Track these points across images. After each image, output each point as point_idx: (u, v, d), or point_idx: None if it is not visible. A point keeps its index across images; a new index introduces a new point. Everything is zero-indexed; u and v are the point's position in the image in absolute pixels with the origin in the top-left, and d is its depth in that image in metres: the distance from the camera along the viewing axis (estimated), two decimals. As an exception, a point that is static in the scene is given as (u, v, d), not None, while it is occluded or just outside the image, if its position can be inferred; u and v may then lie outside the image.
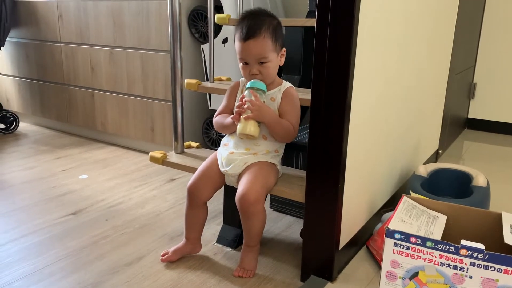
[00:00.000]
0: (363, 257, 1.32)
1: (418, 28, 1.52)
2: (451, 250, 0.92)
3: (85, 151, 2.33)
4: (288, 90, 1.27)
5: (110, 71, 2.27)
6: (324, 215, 1.15)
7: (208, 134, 2.15)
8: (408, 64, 1.49)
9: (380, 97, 1.29)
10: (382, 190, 1.45)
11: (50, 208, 1.65)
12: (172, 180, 1.95)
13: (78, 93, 2.45)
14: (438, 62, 1.93)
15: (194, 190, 1.27)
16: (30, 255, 1.33)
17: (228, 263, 1.30)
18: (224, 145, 1.32)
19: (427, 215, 1.09)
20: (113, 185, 1.88)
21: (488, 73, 2.78)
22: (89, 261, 1.30)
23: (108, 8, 2.17)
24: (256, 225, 1.21)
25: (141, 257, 1.32)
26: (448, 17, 1.94)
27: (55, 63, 2.50)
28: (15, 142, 2.50)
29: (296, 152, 1.49)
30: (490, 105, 2.82)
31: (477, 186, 1.43)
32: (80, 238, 1.44)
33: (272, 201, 1.65)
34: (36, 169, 2.06)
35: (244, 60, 1.23)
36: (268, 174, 1.24)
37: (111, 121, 2.35)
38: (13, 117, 2.67)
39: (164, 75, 2.06)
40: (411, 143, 1.71)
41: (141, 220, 1.57)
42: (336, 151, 1.09)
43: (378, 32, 1.18)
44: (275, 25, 1.22)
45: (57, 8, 2.38)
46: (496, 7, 2.68)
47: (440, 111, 2.12)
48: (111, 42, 2.21)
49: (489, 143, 2.63)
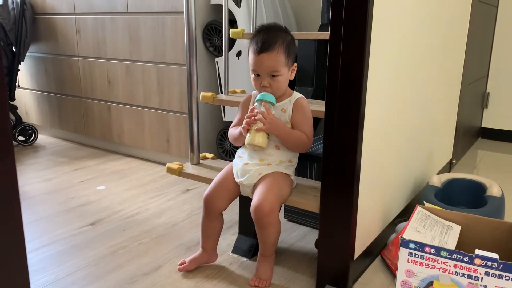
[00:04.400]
0: (377, 267, 1.33)
1: (430, 39, 1.54)
2: (465, 259, 0.93)
3: (102, 163, 2.38)
4: (299, 101, 1.30)
5: (126, 84, 2.32)
6: (338, 225, 1.16)
7: (222, 145, 2.18)
8: (421, 75, 1.50)
9: (393, 108, 1.31)
10: (396, 200, 1.47)
11: (70, 218, 1.69)
12: (188, 190, 1.99)
13: (95, 106, 2.51)
14: (451, 73, 1.94)
15: (210, 200, 1.30)
16: (52, 265, 1.37)
17: (244, 273, 1.32)
18: (239, 157, 1.34)
19: (441, 225, 1.10)
20: (130, 196, 1.92)
21: (501, 83, 2.78)
22: (108, 271, 1.33)
23: (124, 23, 2.23)
24: (271, 235, 1.23)
25: (158, 267, 1.35)
26: (460, 28, 1.95)
27: (73, 76, 2.57)
28: (34, 154, 2.56)
29: (310, 163, 1.51)
30: (503, 114, 2.81)
31: (492, 196, 1.43)
32: (99, 248, 1.47)
33: (286, 212, 1.66)
34: (55, 180, 2.11)
35: (256, 72, 1.26)
36: (282, 184, 1.26)
37: (127, 133, 2.40)
38: (32, 130, 2.73)
39: (179, 87, 2.11)
40: (425, 154, 1.72)
41: (158, 230, 1.60)
42: (350, 162, 1.11)
43: (390, 44, 1.20)
44: (289, 41, 1.25)
45: (76, 24, 2.45)
46: (508, 16, 2.69)
47: (453, 121, 2.13)
48: (128, 56, 2.27)
49: (503, 153, 2.62)
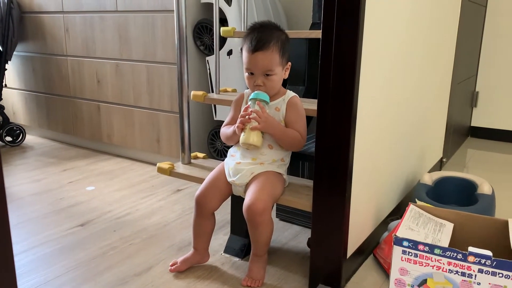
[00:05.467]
0: (370, 266, 1.33)
1: (421, 39, 1.54)
2: (459, 257, 0.93)
3: (91, 163, 2.35)
4: (293, 100, 1.29)
5: (116, 83, 2.30)
6: (331, 224, 1.16)
7: (213, 144, 2.17)
8: (412, 74, 1.51)
9: (385, 107, 1.31)
10: (388, 198, 1.47)
11: (59, 219, 1.67)
12: (178, 190, 1.97)
13: (84, 106, 2.48)
14: (441, 72, 1.95)
15: (202, 200, 1.29)
16: (41, 266, 1.34)
17: (236, 273, 1.31)
18: (231, 156, 1.33)
19: (434, 223, 1.10)
20: (120, 197, 1.89)
21: (490, 82, 2.80)
22: (98, 272, 1.31)
23: (114, 21, 2.21)
24: (264, 235, 1.22)
25: (150, 268, 1.34)
26: (450, 27, 1.96)
27: (62, 76, 2.53)
28: (22, 154, 2.52)
29: (302, 161, 1.51)
30: (492, 113, 2.84)
31: (482, 194, 1.44)
32: (89, 249, 1.45)
33: (278, 211, 1.66)
34: (44, 181, 2.08)
35: (250, 70, 1.25)
36: (275, 183, 1.25)
37: (117, 133, 2.38)
38: (19, 130, 2.69)
39: (170, 87, 2.09)
40: (416, 152, 1.72)
41: (149, 231, 1.58)
42: (342, 160, 1.10)
43: (382, 44, 1.20)
44: (283, 40, 1.25)
45: (64, 22, 2.42)
46: (496, 16, 2.71)
47: (443, 120, 2.14)
48: (117, 55, 2.25)
49: (492, 151, 2.65)
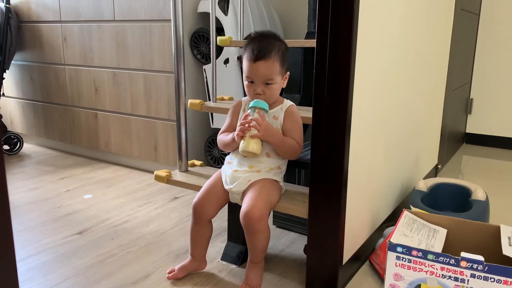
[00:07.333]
0: (366, 272, 1.34)
1: (414, 47, 1.57)
2: (451, 262, 0.95)
3: (89, 171, 2.36)
4: (290, 109, 1.31)
5: (113, 92, 2.31)
6: (327, 230, 1.17)
7: (210, 152, 2.18)
8: (406, 81, 1.53)
9: (380, 114, 1.33)
10: (383, 205, 1.48)
11: (57, 228, 1.68)
12: (176, 198, 1.98)
13: (81, 114, 2.49)
14: (435, 79, 1.97)
15: (199, 207, 1.30)
16: (38, 275, 1.35)
17: (233, 280, 1.32)
18: (228, 163, 1.35)
19: (428, 229, 1.12)
20: (118, 204, 1.90)
21: (484, 89, 2.84)
22: (96, 280, 1.32)
23: (111, 31, 2.23)
24: (261, 242, 1.23)
25: (147, 275, 1.34)
26: (443, 36, 1.99)
27: (59, 85, 2.55)
28: (20, 163, 2.53)
29: (298, 169, 1.52)
30: (487, 119, 2.86)
31: (477, 200, 1.45)
32: (86, 257, 1.46)
33: (275, 218, 1.67)
34: (41, 189, 2.09)
35: (251, 79, 1.26)
36: (271, 191, 1.27)
37: (114, 141, 2.39)
38: (17, 139, 2.70)
39: (167, 95, 2.11)
40: (411, 159, 1.74)
41: (146, 239, 1.59)
42: (338, 167, 1.12)
43: (376, 51, 1.22)
44: (283, 49, 1.27)
45: (62, 31, 2.44)
46: (489, 25, 2.75)
47: (438, 126, 2.17)
48: (115, 64, 2.27)
49: (487, 157, 2.67)
